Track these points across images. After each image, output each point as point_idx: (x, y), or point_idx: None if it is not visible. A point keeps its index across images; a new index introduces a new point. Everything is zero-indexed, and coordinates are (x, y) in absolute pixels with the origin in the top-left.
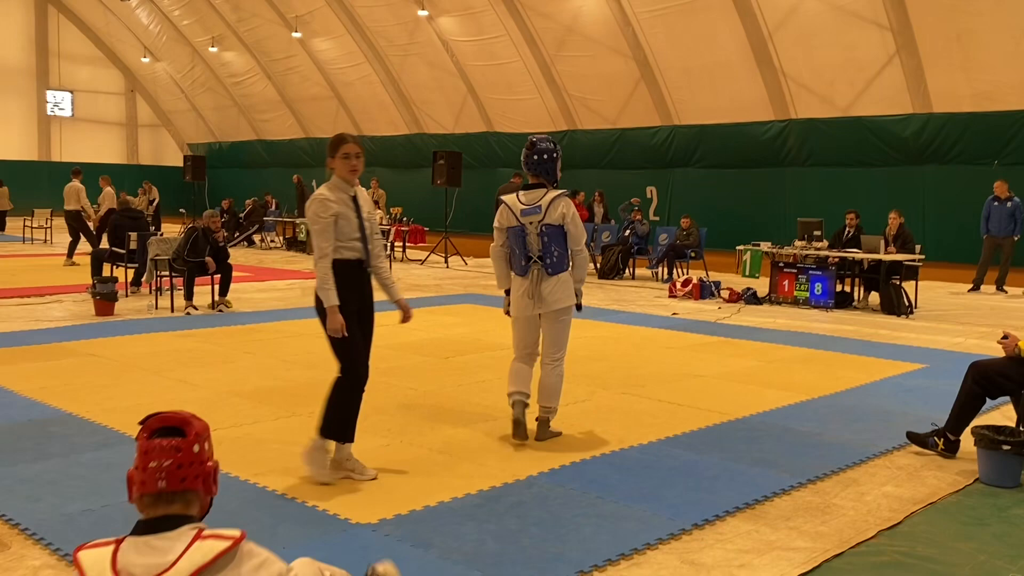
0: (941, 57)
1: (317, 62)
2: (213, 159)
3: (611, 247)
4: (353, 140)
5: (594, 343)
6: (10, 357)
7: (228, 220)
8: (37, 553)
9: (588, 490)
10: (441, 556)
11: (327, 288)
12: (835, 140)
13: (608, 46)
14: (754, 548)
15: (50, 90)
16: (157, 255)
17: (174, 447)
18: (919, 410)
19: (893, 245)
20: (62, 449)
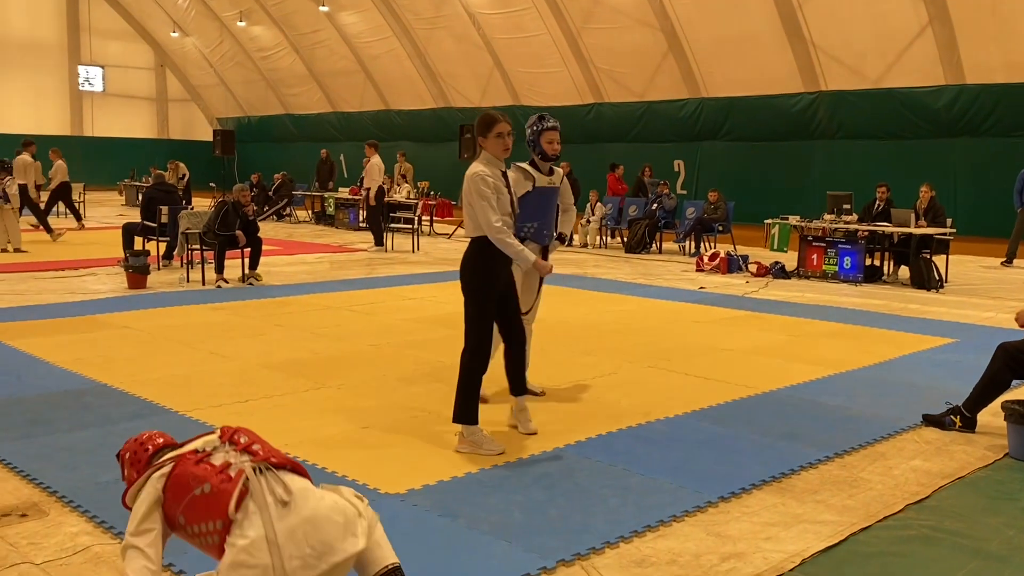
0: (974, 27)
1: (344, 36)
2: (242, 133)
3: (638, 221)
4: (504, 119)
5: (621, 317)
6: (46, 329)
7: (257, 194)
8: (74, 520)
9: (614, 462)
10: (468, 526)
11: (518, 250)
12: (865, 112)
13: (635, 18)
14: (780, 521)
15: (81, 65)
16: (188, 229)
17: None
18: (948, 385)
19: (924, 218)
20: (97, 419)
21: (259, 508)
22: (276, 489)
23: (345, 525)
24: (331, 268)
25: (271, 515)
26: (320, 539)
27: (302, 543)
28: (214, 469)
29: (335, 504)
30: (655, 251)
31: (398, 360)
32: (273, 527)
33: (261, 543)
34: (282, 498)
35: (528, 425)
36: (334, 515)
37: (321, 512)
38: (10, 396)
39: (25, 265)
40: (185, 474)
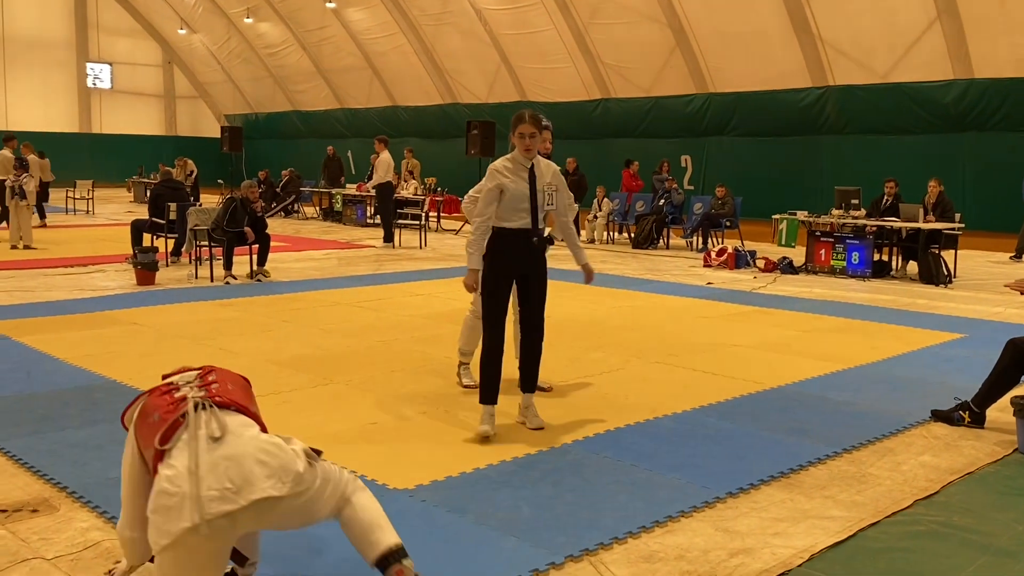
0: (983, 21)
1: (351, 32)
2: (250, 130)
3: (645, 216)
4: (531, 120)
5: (628, 312)
6: (55, 326)
7: (265, 191)
8: (84, 515)
9: (622, 458)
10: (476, 522)
11: (471, 252)
12: (874, 107)
13: (642, 13)
14: (789, 516)
15: (90, 62)
16: (196, 225)
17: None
18: (957, 380)
19: (932, 214)
20: (107, 415)
21: (190, 440)
22: (211, 424)
23: (274, 469)
24: (339, 264)
25: (199, 447)
26: (241, 475)
27: (222, 477)
28: (170, 400)
29: (269, 449)
30: (662, 247)
31: (406, 356)
32: (197, 459)
33: (184, 473)
34: (214, 434)
35: (535, 420)
36: (262, 456)
37: (248, 451)
38: (20, 393)
39: (34, 262)
40: (148, 404)
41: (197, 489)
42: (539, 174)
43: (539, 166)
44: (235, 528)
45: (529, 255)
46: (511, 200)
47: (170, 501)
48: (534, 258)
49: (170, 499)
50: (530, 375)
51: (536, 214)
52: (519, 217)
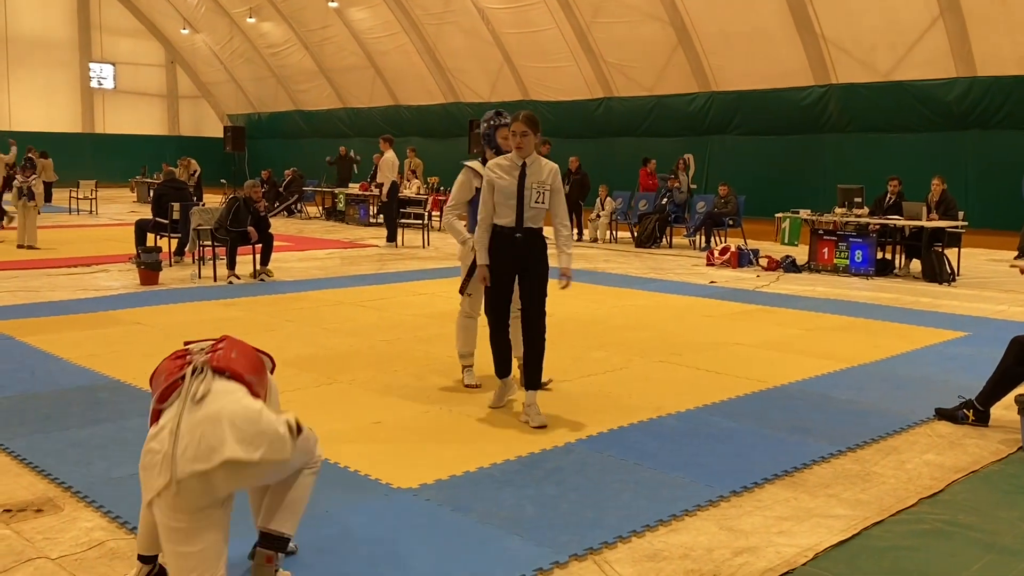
0: (986, 19)
1: (353, 32)
2: (252, 130)
3: (648, 215)
4: (522, 119)
5: (631, 311)
6: (59, 325)
7: (268, 190)
8: (89, 515)
9: (626, 457)
10: (481, 521)
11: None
12: (876, 105)
13: (645, 12)
14: (793, 515)
15: (93, 63)
16: (199, 225)
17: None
18: (961, 378)
19: (935, 212)
20: (110, 415)
21: (180, 401)
22: (199, 388)
23: (247, 434)
24: (342, 264)
25: (183, 409)
26: (216, 436)
27: (197, 436)
28: (179, 364)
29: (247, 415)
30: (665, 245)
31: (409, 355)
32: (180, 419)
33: (166, 432)
34: (197, 395)
35: (537, 418)
36: (239, 420)
37: (225, 413)
38: (24, 392)
39: (38, 262)
40: (162, 366)
41: (174, 448)
42: (530, 173)
43: (534, 165)
44: (211, 488)
45: (517, 251)
46: (500, 197)
47: (153, 459)
48: (524, 254)
49: (153, 457)
50: (532, 373)
51: (521, 212)
52: (506, 214)
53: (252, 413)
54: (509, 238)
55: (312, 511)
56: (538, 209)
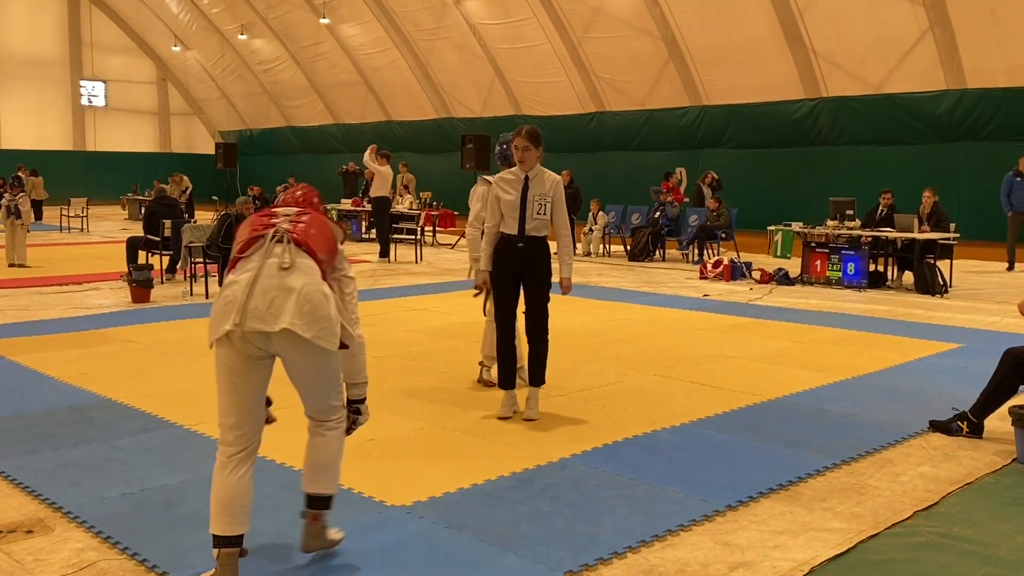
0: (975, 32)
1: (345, 48)
2: (244, 146)
3: (641, 229)
4: (524, 134)
5: (625, 325)
6: (50, 344)
7: (260, 206)
8: (79, 536)
9: (621, 472)
10: (475, 538)
11: (480, 255)
12: (867, 118)
13: (636, 27)
14: (788, 529)
15: (84, 80)
16: (191, 242)
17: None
18: (954, 390)
19: (927, 224)
20: (102, 434)
21: (260, 260)
22: (284, 256)
23: (311, 315)
24: None
25: (264, 270)
26: (284, 306)
27: (268, 299)
28: (265, 223)
29: (316, 299)
30: (658, 259)
31: (402, 372)
32: (258, 276)
33: (244, 284)
34: (283, 264)
35: (530, 412)
36: (306, 301)
37: (298, 288)
38: (15, 412)
39: (29, 280)
40: (251, 219)
41: (247, 302)
42: (533, 185)
43: (537, 178)
44: (269, 349)
45: (519, 257)
46: (505, 208)
47: (226, 306)
48: (525, 260)
49: (226, 304)
50: (535, 369)
51: (523, 221)
52: (510, 224)
53: (320, 297)
54: (512, 246)
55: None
56: (540, 220)
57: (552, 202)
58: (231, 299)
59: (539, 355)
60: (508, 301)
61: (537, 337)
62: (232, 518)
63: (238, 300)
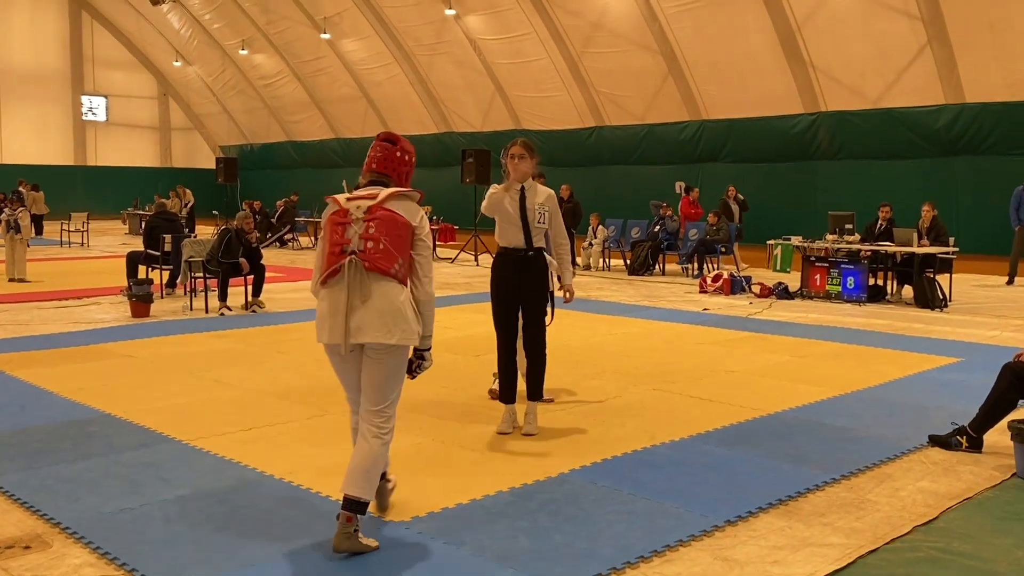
0: (973, 46)
1: (346, 63)
2: (245, 161)
3: (641, 243)
4: (520, 143)
5: (624, 339)
6: (49, 359)
7: (260, 221)
8: (78, 552)
9: (620, 487)
10: (474, 553)
11: None
12: (866, 132)
13: (635, 42)
14: (788, 544)
15: (85, 95)
16: (191, 257)
17: (386, 148)
18: (954, 404)
19: (926, 238)
20: (101, 449)
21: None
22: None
23: (387, 323)
24: None
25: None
26: (370, 322)
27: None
28: (337, 242)
29: (395, 309)
30: (658, 273)
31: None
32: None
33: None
34: (362, 299)
35: (528, 427)
36: (388, 315)
37: (379, 308)
38: (14, 427)
39: (28, 295)
40: (329, 228)
41: (331, 322)
42: (530, 196)
43: (531, 189)
44: (359, 354)
45: (519, 270)
46: (505, 218)
47: (320, 321)
48: (526, 273)
49: (321, 320)
50: (533, 383)
51: (528, 232)
52: (513, 236)
53: (397, 308)
54: (514, 257)
55: (301, 546)
56: (540, 228)
57: (549, 212)
58: (323, 318)
59: (536, 369)
60: (508, 317)
61: (534, 351)
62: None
63: (326, 320)
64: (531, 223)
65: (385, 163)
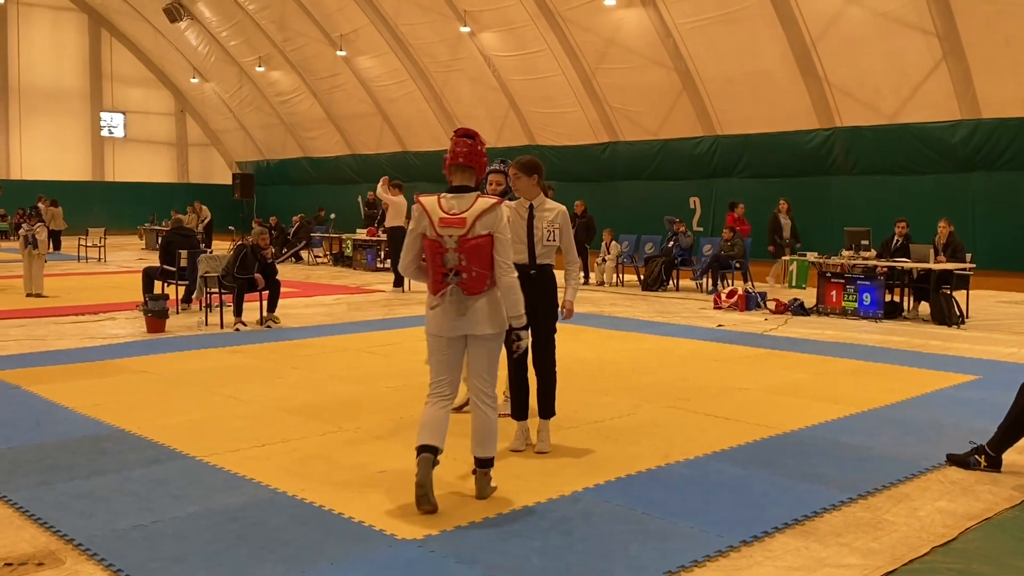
0: (989, 62)
1: (362, 79)
2: (261, 177)
3: (655, 258)
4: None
5: (638, 355)
6: (65, 374)
7: (276, 236)
8: (91, 569)
9: (634, 506)
10: (486, 572)
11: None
12: (881, 148)
13: (649, 57)
14: (804, 565)
15: (104, 112)
16: (207, 272)
17: (468, 143)
18: (972, 423)
19: (943, 254)
20: (115, 465)
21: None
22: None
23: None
24: (348, 310)
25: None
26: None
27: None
28: (439, 268)
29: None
30: (672, 288)
31: (416, 402)
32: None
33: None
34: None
35: (541, 444)
36: (486, 316)
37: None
38: (28, 443)
39: (44, 310)
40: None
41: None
42: (538, 214)
43: (540, 207)
44: (462, 342)
45: (528, 286)
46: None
47: (431, 319)
48: (534, 288)
49: (432, 318)
50: (544, 401)
51: (532, 249)
52: (518, 252)
53: (492, 306)
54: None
55: (316, 563)
56: (549, 247)
57: (560, 229)
58: (434, 318)
59: (547, 386)
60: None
61: (544, 368)
62: (429, 432)
63: (437, 321)
64: (537, 241)
65: (470, 157)
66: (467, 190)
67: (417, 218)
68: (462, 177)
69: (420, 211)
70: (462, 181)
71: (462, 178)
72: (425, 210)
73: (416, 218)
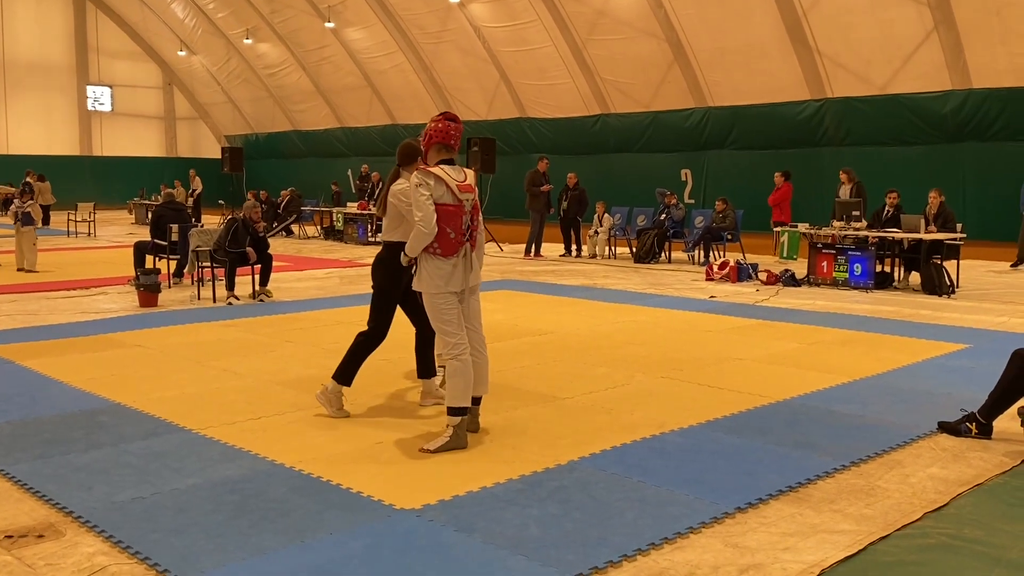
0: (980, 32)
1: (350, 51)
2: (250, 150)
3: (647, 231)
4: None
5: (632, 327)
6: (58, 349)
7: (266, 210)
8: (90, 540)
9: (630, 474)
10: (484, 541)
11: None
12: (872, 119)
13: (640, 28)
14: (798, 531)
15: (90, 85)
16: (198, 246)
17: (459, 127)
18: (963, 391)
19: (934, 224)
20: (111, 438)
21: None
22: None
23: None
24: (341, 283)
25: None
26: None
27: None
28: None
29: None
30: (664, 261)
31: (410, 374)
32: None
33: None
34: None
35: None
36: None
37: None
38: (25, 417)
39: (37, 285)
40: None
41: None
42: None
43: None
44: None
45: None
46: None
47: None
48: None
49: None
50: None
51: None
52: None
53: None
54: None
55: (314, 533)
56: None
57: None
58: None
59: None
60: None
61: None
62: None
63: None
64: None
65: (459, 140)
66: (452, 163)
67: (433, 186)
68: (448, 152)
69: (436, 179)
70: (448, 155)
71: (448, 153)
72: (442, 179)
73: (432, 186)
